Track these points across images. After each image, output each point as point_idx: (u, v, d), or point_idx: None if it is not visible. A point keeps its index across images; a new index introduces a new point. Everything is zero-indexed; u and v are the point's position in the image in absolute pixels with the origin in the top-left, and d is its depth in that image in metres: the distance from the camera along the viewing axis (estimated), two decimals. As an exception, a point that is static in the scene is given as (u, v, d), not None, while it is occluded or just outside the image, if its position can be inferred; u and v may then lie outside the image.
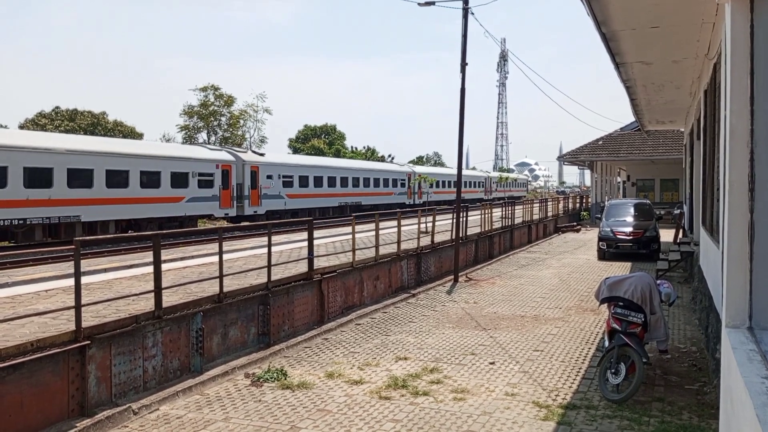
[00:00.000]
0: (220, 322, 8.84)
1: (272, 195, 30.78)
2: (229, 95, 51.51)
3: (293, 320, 10.48)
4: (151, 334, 7.51)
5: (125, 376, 7.09)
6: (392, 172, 45.46)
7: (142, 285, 9.49)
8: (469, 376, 8.09)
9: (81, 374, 6.54)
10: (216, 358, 8.65)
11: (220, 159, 28.10)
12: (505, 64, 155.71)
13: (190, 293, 8.89)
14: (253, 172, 29.70)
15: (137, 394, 7.17)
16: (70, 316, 6.88)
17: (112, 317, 7.21)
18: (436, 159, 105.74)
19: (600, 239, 21.19)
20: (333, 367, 8.52)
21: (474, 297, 13.96)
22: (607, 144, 38.21)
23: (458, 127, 17.09)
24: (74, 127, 30.49)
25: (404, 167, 49.02)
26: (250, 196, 29.45)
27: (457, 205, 17.38)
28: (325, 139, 62.38)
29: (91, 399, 6.61)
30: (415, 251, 15.61)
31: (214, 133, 51.28)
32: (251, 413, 6.76)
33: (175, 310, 7.98)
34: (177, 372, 7.89)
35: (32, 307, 7.90)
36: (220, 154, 28.75)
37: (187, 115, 50.19)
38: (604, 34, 9.07)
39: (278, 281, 10.21)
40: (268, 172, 30.63)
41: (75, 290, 6.59)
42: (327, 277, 11.62)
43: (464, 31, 16.67)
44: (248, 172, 29.42)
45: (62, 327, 6.71)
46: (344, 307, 12.24)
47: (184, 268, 11.63)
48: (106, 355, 6.87)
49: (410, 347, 9.58)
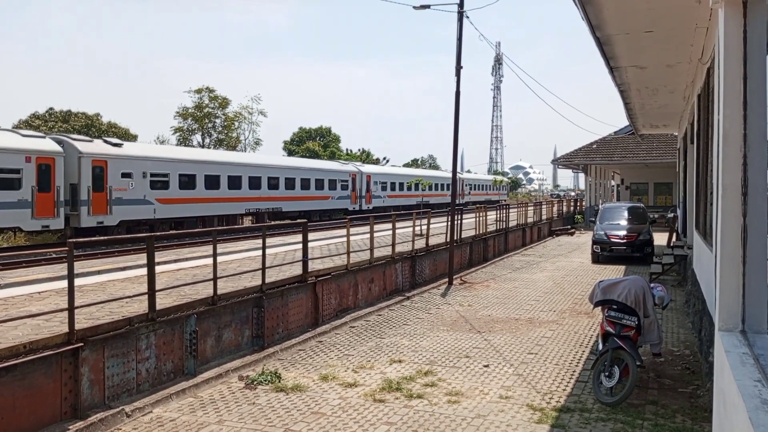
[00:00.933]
0: (214, 324, 8.81)
1: (131, 199, 23.42)
2: (223, 97, 51.47)
3: (287, 323, 10.46)
4: (144, 337, 7.48)
5: (118, 378, 7.06)
6: (330, 171, 38.31)
7: (136, 287, 9.46)
8: (463, 379, 8.09)
9: (74, 376, 6.50)
10: (210, 360, 8.62)
11: (33, 149, 20.31)
12: (500, 68, 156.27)
13: (184, 295, 8.85)
14: (97, 167, 22.21)
15: (130, 396, 7.14)
16: (64, 318, 6.84)
17: (106, 319, 7.18)
18: (431, 162, 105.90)
19: (594, 242, 21.25)
20: (327, 369, 8.51)
21: (468, 300, 13.97)
22: (601, 147, 38.37)
23: (453, 129, 17.13)
24: (68, 128, 30.37)
25: (347, 166, 42.30)
26: (91, 201, 21.82)
27: (452, 207, 17.41)
28: (320, 141, 62.39)
29: (84, 401, 6.57)
30: (410, 254, 15.62)
31: (208, 135, 51.20)
32: (245, 416, 6.74)
33: (169, 313, 7.95)
34: (171, 374, 7.86)
35: (25, 308, 7.86)
36: (36, 143, 20.80)
37: (181, 117, 50.09)
38: (598, 38, 9.12)
39: (273, 284, 10.19)
40: (124, 168, 23.26)
41: (68, 292, 6.56)
42: (321, 279, 11.60)
43: (459, 35, 16.71)
44: (87, 167, 21.87)
45: (55, 329, 6.68)
46: (339, 309, 12.22)
47: (178, 270, 11.59)
48: (100, 358, 6.84)
49: (405, 350, 9.58)
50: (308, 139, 60.95)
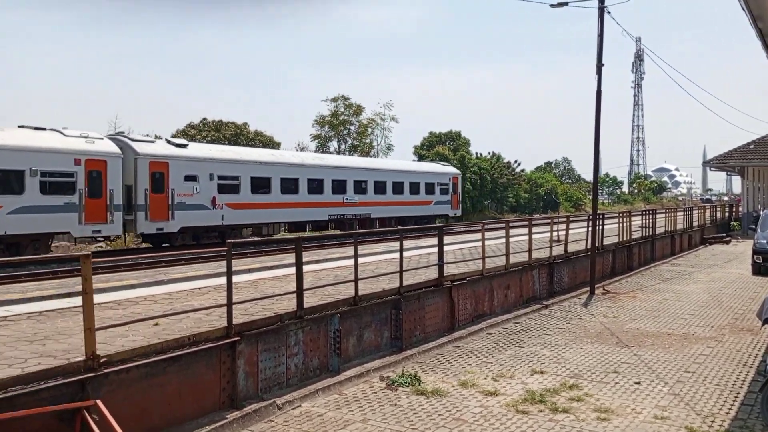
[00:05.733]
0: (355, 324, 9.05)
1: (196, 204, 21.74)
2: (357, 104, 53.07)
3: (424, 326, 10.50)
4: (293, 333, 7.84)
5: (270, 372, 7.45)
6: (426, 173, 34.26)
7: (284, 285, 9.96)
8: (612, 395, 7.64)
9: (231, 368, 6.95)
10: (352, 359, 8.86)
11: (83, 150, 19.01)
12: (641, 64, 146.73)
13: (328, 295, 9.18)
14: (156, 170, 20.75)
15: (281, 390, 7.50)
16: (222, 313, 7.34)
17: (259, 315, 7.61)
18: (565, 165, 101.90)
19: (755, 252, 19.24)
20: (466, 375, 8.41)
21: (613, 311, 13.21)
22: (760, 148, 34.83)
23: (594, 130, 16.33)
24: (219, 137, 32.85)
25: (448, 168, 37.85)
26: (149, 206, 20.32)
27: (593, 212, 16.59)
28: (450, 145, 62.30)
29: (240, 392, 7.00)
30: (548, 260, 15.08)
31: (343, 142, 53.09)
32: (388, 416, 6.82)
33: (315, 311, 8.27)
34: (316, 371, 8.17)
35: (188, 303, 8.55)
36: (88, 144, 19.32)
37: (318, 124, 52.36)
38: (759, 30, 8.31)
39: (410, 286, 10.28)
40: (187, 170, 21.60)
41: (227, 289, 7.02)
42: (457, 284, 11.53)
43: (600, 31, 15.94)
44: (144, 170, 20.37)
45: (215, 323, 7.18)
46: (474, 315, 12.07)
47: (321, 270, 12.06)
48: (254, 351, 7.26)
49: (546, 360, 9.23)
50: (438, 143, 61.08)
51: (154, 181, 20.62)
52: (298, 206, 25.87)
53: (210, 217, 22.30)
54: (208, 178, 22.18)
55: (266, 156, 25.61)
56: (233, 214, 23.00)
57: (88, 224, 18.99)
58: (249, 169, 23.82)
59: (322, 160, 28.66)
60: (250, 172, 23.82)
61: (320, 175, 26.84)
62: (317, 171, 26.86)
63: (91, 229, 19.18)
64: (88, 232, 19.29)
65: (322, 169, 27.31)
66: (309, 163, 27.17)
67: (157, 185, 20.65)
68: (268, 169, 24.57)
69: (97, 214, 19.23)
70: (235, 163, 23.44)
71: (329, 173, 27.47)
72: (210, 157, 22.62)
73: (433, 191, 33.99)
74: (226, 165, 23.04)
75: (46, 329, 6.92)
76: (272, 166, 24.87)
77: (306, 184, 26.04)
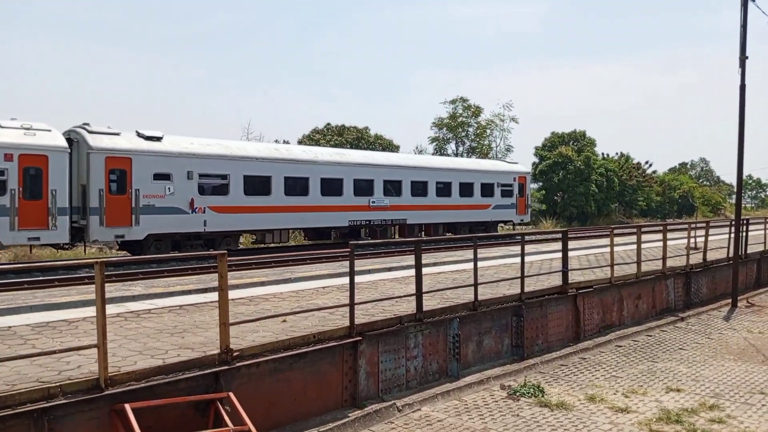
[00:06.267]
0: (475, 329, 8.90)
1: (167, 208, 18.29)
2: (476, 106, 52.48)
3: (547, 335, 10.12)
4: (413, 336, 7.85)
5: (390, 373, 7.50)
6: (482, 172, 28.70)
7: (403, 287, 10.02)
8: (759, 419, 6.93)
9: (353, 368, 7.07)
10: (471, 365, 8.71)
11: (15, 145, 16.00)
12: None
13: (447, 299, 9.11)
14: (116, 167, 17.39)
15: (400, 392, 7.53)
16: (344, 312, 7.51)
17: (380, 316, 7.69)
18: (702, 166, 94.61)
19: None
20: (593, 389, 7.99)
21: (758, 326, 12.02)
22: None
23: (737, 128, 14.97)
24: (341, 141, 33.76)
25: (514, 166, 31.78)
26: (104, 210, 17.02)
27: (736, 217, 15.22)
28: (573, 146, 59.99)
29: (361, 392, 7.11)
30: (684, 269, 14.01)
31: (461, 144, 52.79)
32: (510, 427, 6.62)
33: (434, 315, 8.23)
34: (435, 375, 8.12)
35: (312, 301, 8.83)
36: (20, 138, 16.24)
37: (437, 127, 52.47)
38: None
39: (531, 293, 9.95)
40: (158, 167, 18.17)
41: (350, 289, 7.16)
42: (583, 292, 11.01)
43: (743, 21, 14.63)
44: (99, 167, 17.06)
45: (338, 322, 7.35)
46: (602, 325, 11.47)
47: (439, 273, 12.00)
48: (374, 352, 7.34)
49: (683, 378, 8.55)
50: (561, 143, 59.00)
51: (112, 180, 17.37)
52: (308, 210, 21.84)
53: (187, 222, 18.68)
54: (186, 176, 18.69)
55: (265, 151, 21.47)
56: (219, 218, 19.35)
57: (23, 230, 15.97)
58: (241, 167, 20.06)
59: (341, 156, 24.08)
60: (244, 169, 20.11)
61: (338, 174, 22.81)
62: (334, 169, 22.75)
63: (27, 236, 16.17)
64: (23, 239, 16.24)
65: (341, 166, 23.06)
66: (323, 159, 22.74)
67: (117, 185, 17.43)
68: (267, 166, 20.76)
69: (36, 219, 16.21)
70: (223, 160, 19.73)
71: (350, 171, 23.23)
72: (188, 152, 18.90)
73: (491, 193, 28.65)
74: (211, 161, 19.40)
75: (185, 322, 7.42)
76: (273, 162, 20.97)
77: (319, 184, 22.11)
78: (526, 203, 30.88)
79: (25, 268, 13.57)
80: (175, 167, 18.47)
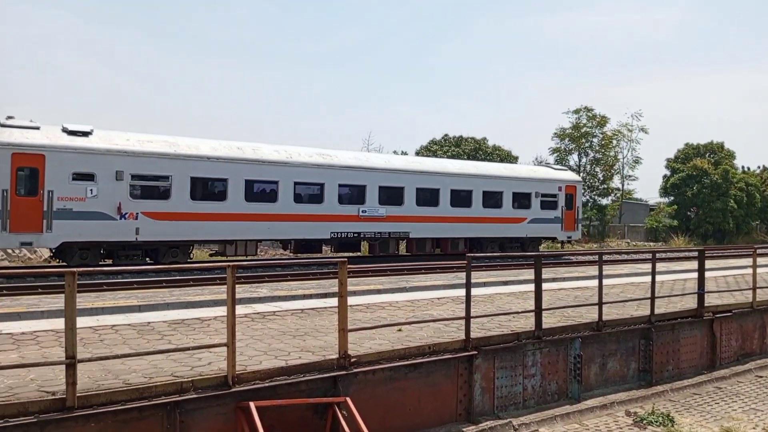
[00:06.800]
0: (598, 351, 8.47)
1: (88, 213, 15.95)
2: (602, 116, 50.16)
3: (678, 360, 9.42)
4: (531, 353, 7.60)
5: (506, 390, 7.30)
6: (516, 180, 24.75)
7: (520, 303, 9.76)
8: None
9: (468, 382, 6.96)
10: (593, 388, 8.29)
11: None
12: None
13: (568, 317, 8.75)
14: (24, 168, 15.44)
15: (517, 410, 7.31)
16: (459, 325, 7.44)
17: (496, 331, 7.53)
18: None
19: None
20: (730, 422, 7.33)
21: None
22: None
23: None
24: (459, 152, 33.61)
25: (560, 173, 27.33)
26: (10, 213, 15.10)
27: None
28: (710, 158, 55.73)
29: (476, 407, 6.98)
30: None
31: (585, 155, 50.70)
32: (635, 457, 6.22)
33: (554, 333, 7.93)
34: (554, 395, 7.81)
35: (427, 312, 8.83)
36: None
37: (558, 137, 50.79)
38: None
39: (662, 315, 9.32)
40: (76, 166, 15.95)
41: (466, 302, 7.07)
42: (720, 316, 10.15)
43: None
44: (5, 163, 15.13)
45: (453, 334, 7.28)
46: (740, 353, 10.51)
47: (559, 290, 11.57)
48: (490, 368, 7.19)
49: (841, 418, 7.61)
50: (696, 156, 55.05)
51: (20, 179, 15.40)
52: (277, 219, 18.82)
53: (114, 229, 16.29)
54: (113, 177, 16.28)
55: (222, 150, 18.34)
56: (156, 227, 16.85)
57: None
58: (188, 167, 17.36)
59: (323, 157, 20.34)
60: (191, 170, 17.42)
61: (317, 178, 19.72)
62: (311, 172, 19.59)
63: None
64: None
65: (321, 169, 19.79)
66: (298, 161, 19.48)
67: (26, 185, 15.44)
68: (222, 167, 17.94)
69: None
70: (164, 159, 17.04)
71: (334, 175, 20.02)
72: (118, 150, 16.48)
73: (527, 204, 24.76)
74: (147, 160, 16.83)
75: (306, 326, 7.69)
76: (230, 163, 18.05)
77: (291, 189, 19.12)
78: (576, 217, 26.37)
79: (164, 269, 14.74)
80: (101, 166, 16.14)
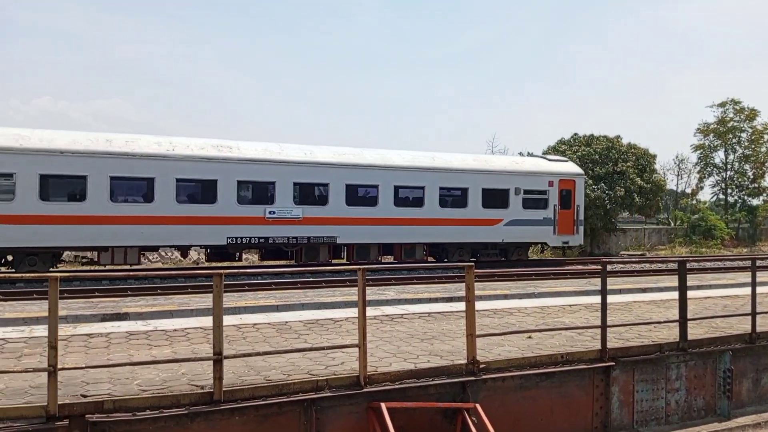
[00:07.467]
0: (751, 365, 7.75)
1: None
2: (751, 108, 45.79)
3: None
4: (674, 366, 7.10)
5: (647, 404, 6.87)
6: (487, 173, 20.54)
7: (661, 311, 9.17)
8: None
9: (605, 394, 6.64)
10: (745, 405, 7.61)
11: None
12: None
13: (716, 328, 8.09)
14: None
15: (659, 425, 6.87)
16: (594, 334, 7.10)
17: (635, 342, 7.12)
18: None
19: None
20: None
21: None
22: None
23: None
24: (590, 152, 32.13)
25: (554, 165, 22.52)
26: None
27: None
28: None
29: (613, 421, 6.64)
30: None
31: (732, 151, 46.51)
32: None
33: (701, 345, 7.35)
34: (701, 411, 7.24)
35: (558, 319, 8.53)
36: None
37: (701, 133, 47.02)
38: None
39: (831, 328, 8.31)
40: None
41: (601, 310, 6.74)
42: None
43: None
44: None
45: (587, 344, 6.97)
46: None
47: (706, 298, 10.72)
48: (629, 380, 6.80)
49: None
50: None
51: None
52: (154, 222, 16.29)
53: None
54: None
55: (83, 143, 15.93)
56: None
57: None
58: (35, 164, 15.17)
59: (219, 150, 17.34)
60: (39, 167, 15.23)
61: (208, 174, 16.90)
62: (200, 167, 16.82)
63: None
64: None
65: (214, 164, 16.95)
66: (181, 154, 16.75)
67: None
68: (80, 162, 15.63)
69: None
70: (5, 154, 15.00)
71: (231, 171, 17.08)
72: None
73: (505, 204, 20.59)
74: None
75: (433, 329, 7.73)
76: (90, 158, 15.72)
77: (172, 187, 16.50)
78: (576, 218, 21.63)
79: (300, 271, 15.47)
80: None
